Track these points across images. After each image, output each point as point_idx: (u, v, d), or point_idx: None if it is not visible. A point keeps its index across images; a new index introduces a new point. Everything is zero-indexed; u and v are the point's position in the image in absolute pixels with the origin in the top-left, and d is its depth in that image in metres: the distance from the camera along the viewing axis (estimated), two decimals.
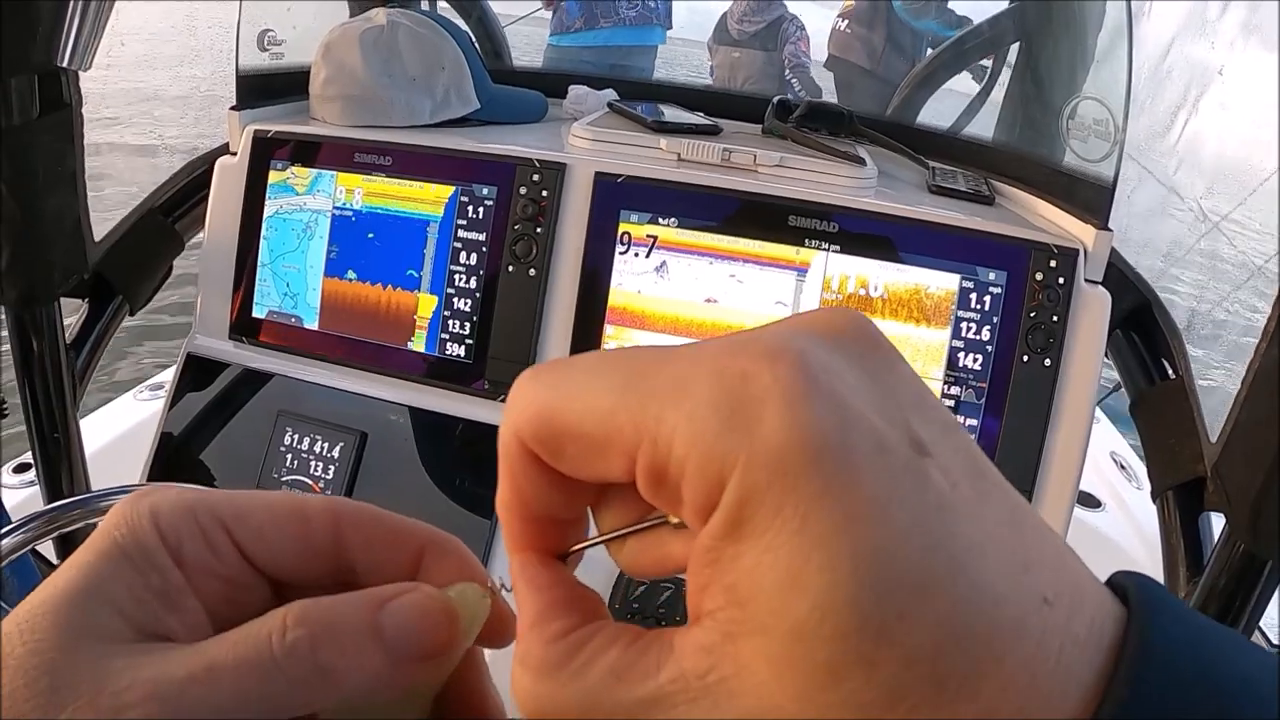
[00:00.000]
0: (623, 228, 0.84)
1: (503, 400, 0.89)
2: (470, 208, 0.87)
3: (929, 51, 2.89)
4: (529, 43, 2.61)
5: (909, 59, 2.88)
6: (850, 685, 0.15)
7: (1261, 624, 0.90)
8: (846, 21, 3.07)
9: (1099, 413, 1.67)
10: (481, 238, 0.87)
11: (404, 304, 0.90)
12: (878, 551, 0.15)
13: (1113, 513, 1.48)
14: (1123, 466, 1.64)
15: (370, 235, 0.91)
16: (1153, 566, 1.37)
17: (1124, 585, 0.17)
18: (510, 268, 0.86)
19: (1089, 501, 1.52)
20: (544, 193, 0.85)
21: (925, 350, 0.83)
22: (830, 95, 2.97)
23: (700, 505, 0.17)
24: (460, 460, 0.87)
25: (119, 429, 1.44)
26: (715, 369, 0.17)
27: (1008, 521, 0.16)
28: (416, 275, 0.89)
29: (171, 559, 0.20)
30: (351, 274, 0.92)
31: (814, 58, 3.31)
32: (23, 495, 1.28)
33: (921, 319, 0.83)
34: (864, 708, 0.15)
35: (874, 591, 0.15)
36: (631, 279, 0.84)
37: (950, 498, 0.16)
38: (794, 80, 3.06)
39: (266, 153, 0.94)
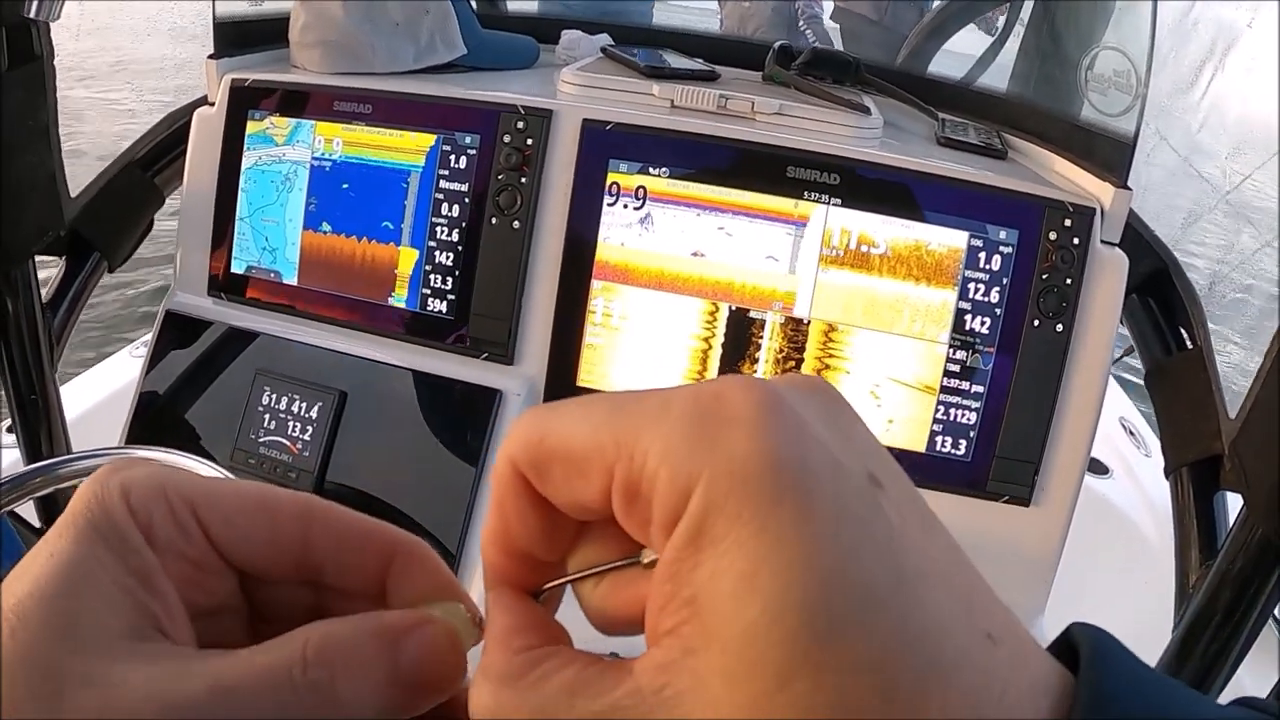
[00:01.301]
0: (611, 178, 0.80)
1: (486, 358, 0.86)
2: (452, 157, 0.83)
3: (935, 1, 2.82)
4: None
5: (916, 8, 2.80)
6: (798, 689, 0.15)
7: (1277, 612, 0.86)
8: None
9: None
10: (464, 188, 0.83)
11: (384, 258, 0.86)
12: (830, 560, 0.16)
13: (1120, 480, 1.44)
14: (1131, 433, 1.59)
15: (350, 187, 0.87)
16: (1159, 536, 1.34)
17: (1076, 636, 0.18)
18: (493, 220, 0.82)
19: (1096, 468, 1.47)
20: (529, 141, 0.81)
21: (930, 311, 0.79)
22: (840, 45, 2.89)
23: (666, 519, 0.17)
24: (441, 419, 0.84)
25: (111, 387, 1.42)
26: (694, 394, 0.18)
27: (954, 563, 0.17)
28: (397, 228, 0.86)
29: (144, 539, 0.20)
30: (331, 227, 0.88)
31: (825, 7, 3.22)
32: (13, 456, 1.27)
33: (927, 278, 0.79)
34: (813, 714, 0.15)
35: (824, 596, 0.15)
36: (619, 231, 0.80)
37: (899, 528, 0.17)
38: (808, 31, 2.97)
39: (245, 103, 0.91)
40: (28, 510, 0.92)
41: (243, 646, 0.21)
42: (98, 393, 1.41)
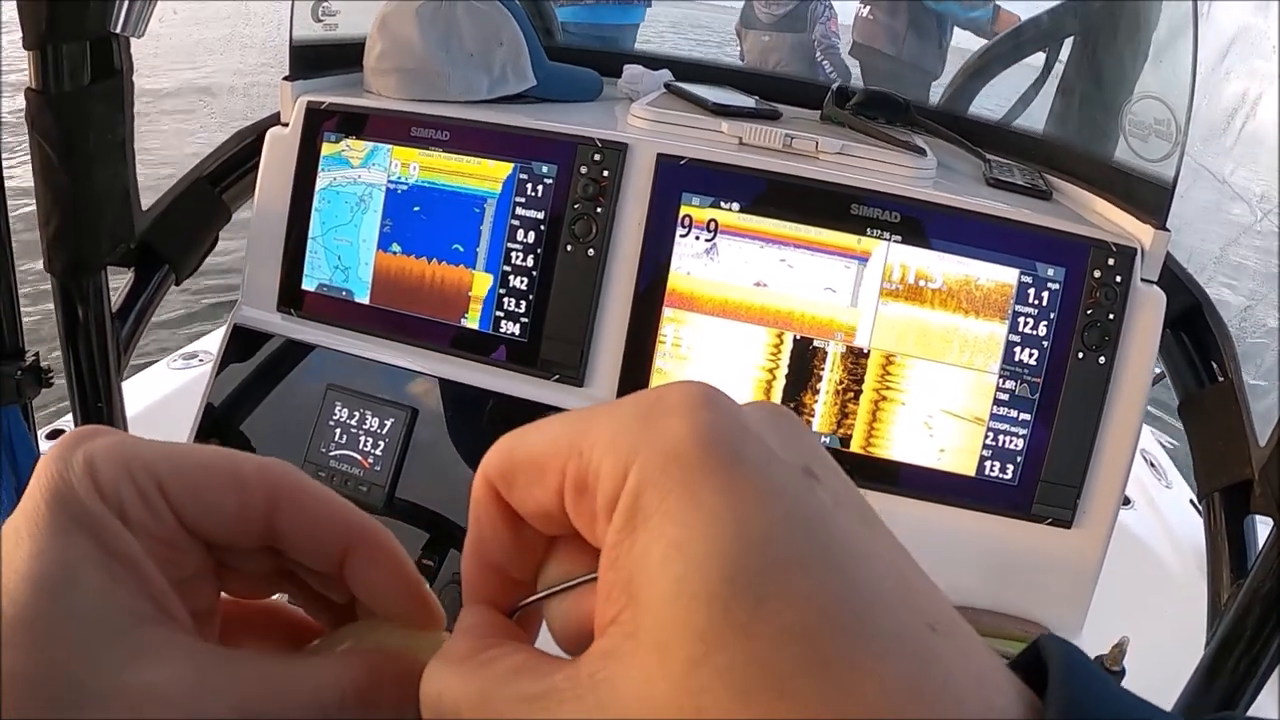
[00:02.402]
0: (684, 210, 0.84)
1: (557, 379, 0.89)
2: (529, 185, 0.86)
3: (952, 34, 2.88)
4: None
5: (934, 42, 2.87)
6: (725, 656, 0.15)
7: None
8: (869, 8, 3.06)
9: None
10: (540, 216, 0.86)
11: (459, 280, 0.89)
12: (757, 528, 0.16)
13: (1141, 511, 1.49)
14: (1152, 464, 1.64)
15: (425, 210, 0.90)
16: (1181, 567, 1.39)
17: (1044, 648, 0.17)
18: (569, 247, 0.86)
19: None
20: (605, 173, 0.84)
21: (981, 343, 0.83)
22: (858, 79, 2.96)
23: (607, 504, 0.17)
24: None
25: (153, 397, 1.44)
26: (641, 394, 0.19)
27: (893, 554, 0.17)
28: (472, 252, 0.89)
29: (119, 522, 0.19)
30: (405, 249, 0.91)
31: (842, 38, 3.29)
32: None
33: (979, 312, 0.83)
34: (742, 685, 0.15)
35: (750, 560, 0.15)
36: (688, 261, 0.84)
37: (833, 512, 0.17)
38: (825, 62, 3.04)
39: (318, 124, 0.94)
40: None
41: (214, 609, 0.22)
42: (136, 405, 1.42)
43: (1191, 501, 1.49)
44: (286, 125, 0.95)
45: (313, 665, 0.21)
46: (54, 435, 1.32)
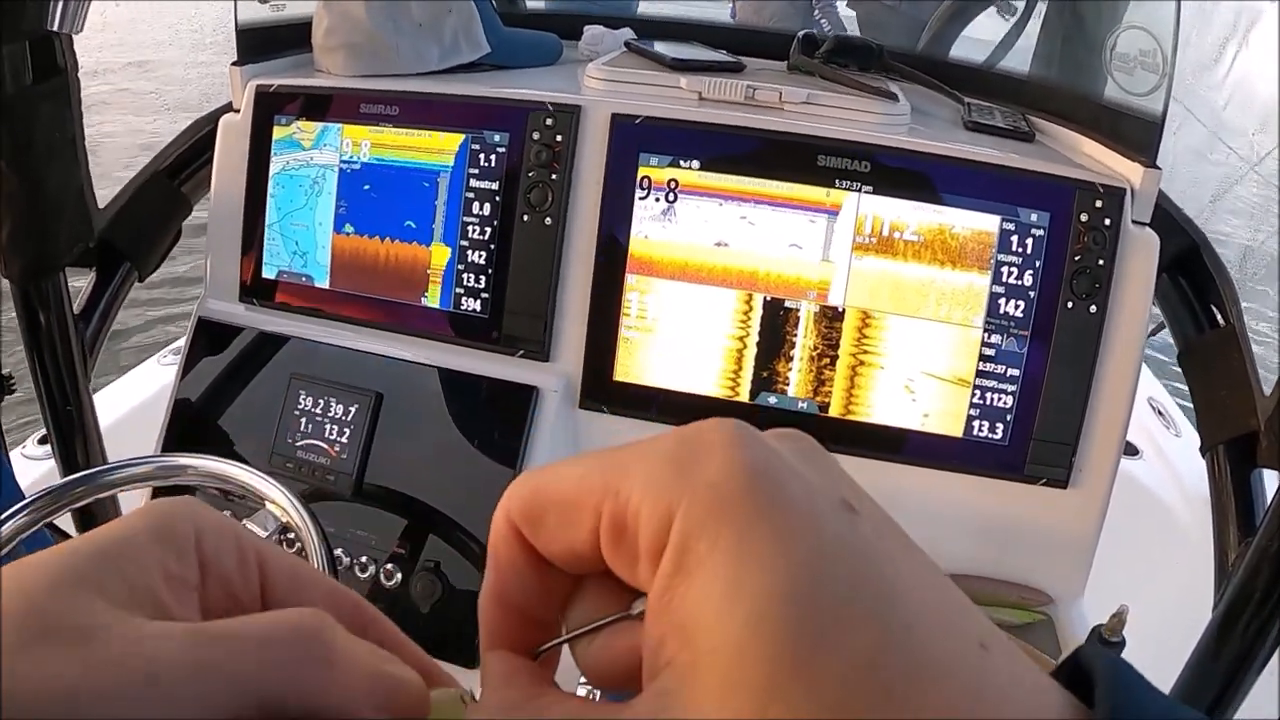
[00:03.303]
0: (642, 171, 0.80)
1: (522, 355, 0.86)
2: (482, 156, 0.83)
3: None
4: None
5: None
6: (793, 696, 0.15)
7: None
8: None
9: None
10: (495, 187, 0.83)
11: (416, 259, 0.87)
12: (810, 568, 0.16)
13: (1150, 461, 1.44)
14: (1160, 413, 1.59)
15: (379, 188, 0.87)
16: (1190, 517, 1.34)
17: (1087, 660, 0.17)
18: (525, 217, 0.82)
19: (1126, 449, 1.47)
20: (558, 137, 0.81)
21: (964, 296, 0.79)
22: (856, 33, 2.88)
23: (651, 550, 0.17)
24: (478, 417, 0.84)
25: (141, 396, 1.43)
26: (675, 433, 0.18)
27: (938, 579, 0.17)
28: (428, 228, 0.86)
29: (197, 558, 0.20)
30: (361, 229, 0.88)
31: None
32: (47, 466, 1.28)
33: (959, 263, 0.79)
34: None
35: (808, 601, 0.15)
36: (647, 224, 0.81)
37: (877, 543, 0.17)
38: (823, 20, 2.96)
39: (271, 108, 0.91)
40: (65, 524, 0.92)
41: None
42: (128, 402, 1.42)
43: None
44: (238, 111, 0.93)
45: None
46: (44, 442, 1.31)
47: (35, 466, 1.27)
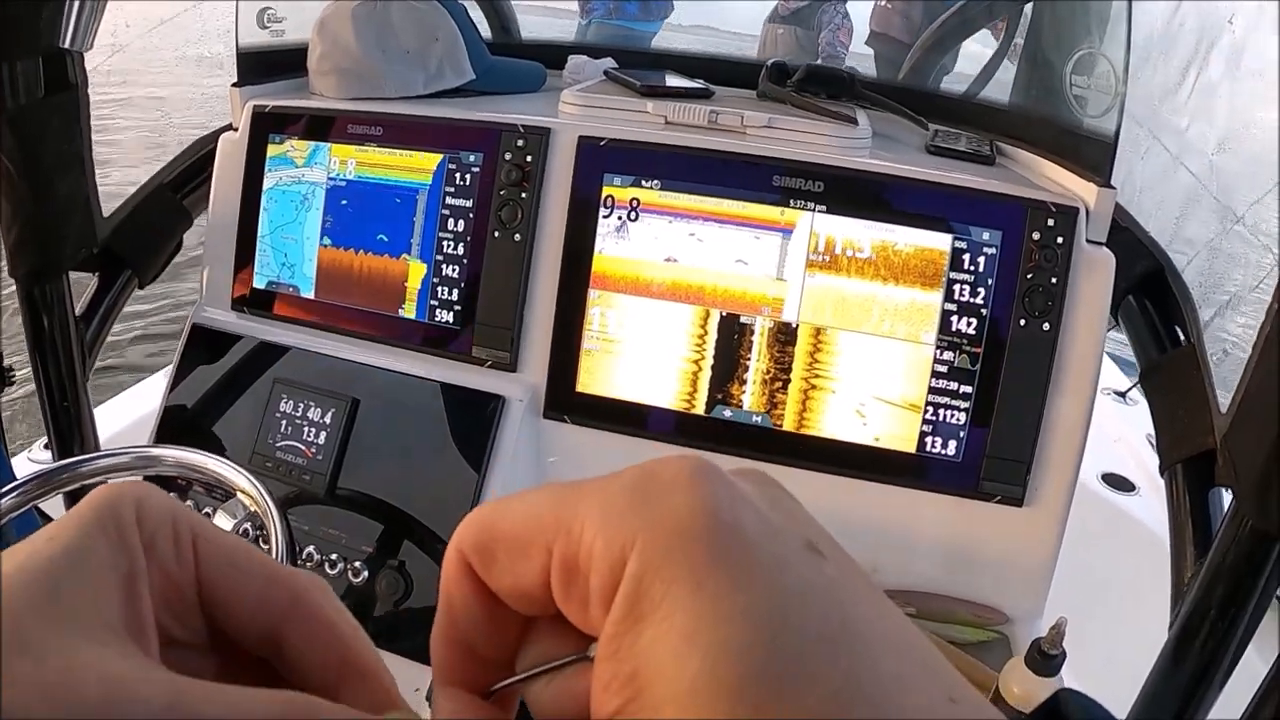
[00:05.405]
0: (606, 191, 0.83)
1: (490, 366, 0.89)
2: (458, 175, 0.87)
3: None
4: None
5: None
6: None
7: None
8: None
9: (1135, 393, 1.59)
10: (468, 204, 0.87)
11: (395, 271, 0.91)
12: (771, 612, 0.15)
13: (1147, 497, 1.42)
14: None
15: (363, 204, 0.92)
16: None
17: (1066, 705, 0.17)
18: (496, 234, 0.86)
19: (1122, 485, 1.45)
20: (528, 158, 0.85)
21: (916, 313, 0.81)
22: (871, 71, 2.94)
23: (603, 590, 0.16)
24: (447, 424, 0.87)
25: (149, 406, 1.48)
26: (633, 469, 0.18)
27: (906, 627, 0.17)
28: (407, 243, 0.90)
29: (142, 545, 0.19)
30: (343, 243, 0.93)
31: (853, 49, 3.29)
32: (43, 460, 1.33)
33: (912, 280, 0.81)
34: None
35: (768, 646, 0.14)
36: (604, 241, 0.84)
37: (842, 588, 0.16)
38: (823, 61, 3.05)
39: (266, 127, 0.96)
40: (55, 509, 0.97)
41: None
42: (135, 411, 1.47)
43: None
44: (237, 130, 0.98)
45: (254, 690, 0.19)
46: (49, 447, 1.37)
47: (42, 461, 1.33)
